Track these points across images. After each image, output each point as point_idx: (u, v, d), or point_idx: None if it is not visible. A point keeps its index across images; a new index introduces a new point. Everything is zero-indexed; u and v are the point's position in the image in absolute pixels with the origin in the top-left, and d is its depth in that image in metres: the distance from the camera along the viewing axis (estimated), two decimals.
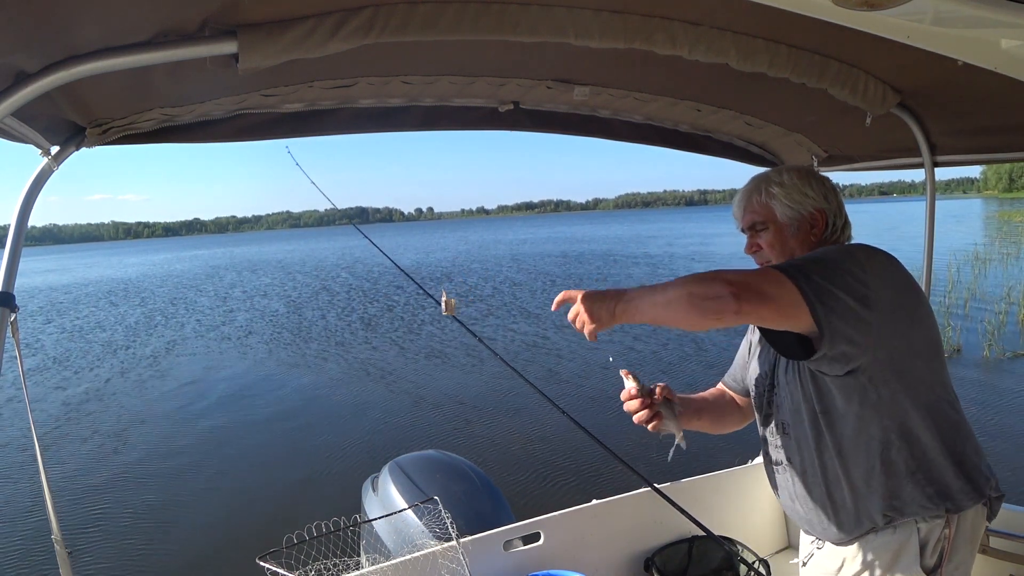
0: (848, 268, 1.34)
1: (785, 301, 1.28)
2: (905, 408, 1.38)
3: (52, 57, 1.16)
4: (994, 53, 1.12)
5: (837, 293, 1.29)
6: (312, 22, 1.22)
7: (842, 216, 1.57)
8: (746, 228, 1.63)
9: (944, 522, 1.40)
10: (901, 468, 1.39)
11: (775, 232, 1.57)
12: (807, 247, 1.54)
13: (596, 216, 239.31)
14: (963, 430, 1.45)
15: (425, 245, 57.93)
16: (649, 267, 25.76)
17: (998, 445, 6.41)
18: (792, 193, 1.55)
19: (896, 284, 1.39)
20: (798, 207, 1.55)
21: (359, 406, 8.91)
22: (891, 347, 1.36)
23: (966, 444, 1.44)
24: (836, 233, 1.56)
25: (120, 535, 5.52)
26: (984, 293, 14.60)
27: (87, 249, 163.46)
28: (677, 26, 1.42)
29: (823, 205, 1.55)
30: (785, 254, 1.56)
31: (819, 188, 1.56)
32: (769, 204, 1.58)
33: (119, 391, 10.46)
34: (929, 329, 1.44)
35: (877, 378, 1.36)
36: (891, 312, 1.35)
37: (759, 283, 1.28)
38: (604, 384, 9.23)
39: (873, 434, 1.39)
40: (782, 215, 1.57)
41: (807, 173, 1.59)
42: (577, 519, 2.36)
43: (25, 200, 1.43)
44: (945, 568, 1.41)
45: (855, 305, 1.30)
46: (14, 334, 1.39)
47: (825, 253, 1.41)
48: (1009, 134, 2.02)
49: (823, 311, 1.28)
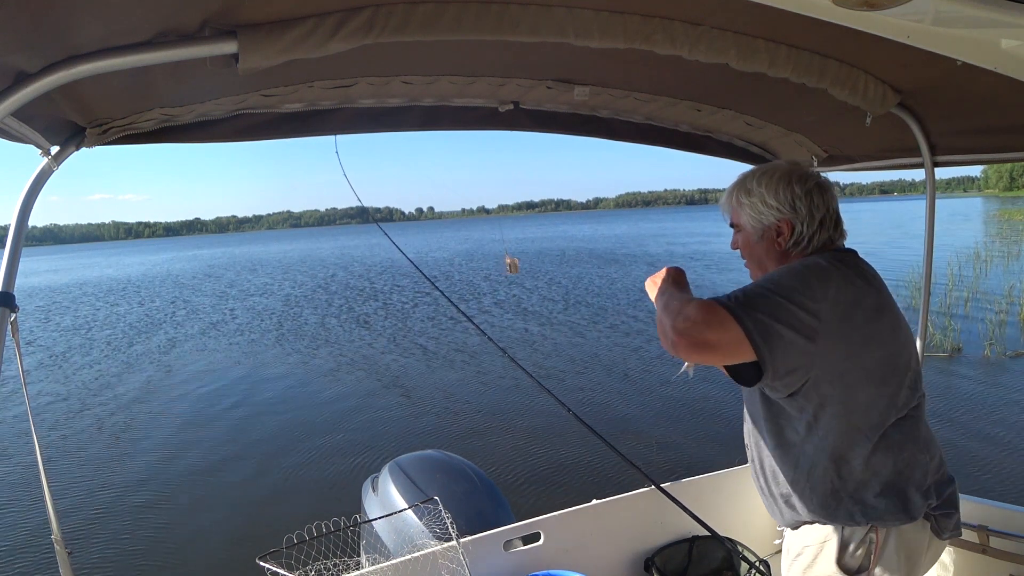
0: (798, 300, 1.35)
1: (729, 345, 1.33)
2: (841, 431, 1.42)
3: (52, 57, 1.16)
4: (994, 53, 1.12)
5: (782, 331, 1.33)
6: (312, 22, 1.22)
7: (815, 222, 1.52)
8: (730, 224, 1.68)
9: (868, 529, 1.45)
10: (826, 487, 1.45)
11: (744, 237, 1.63)
12: (773, 255, 1.57)
13: (597, 215, 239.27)
14: (904, 451, 1.44)
15: (426, 244, 57.92)
16: (648, 267, 25.77)
17: (998, 444, 6.41)
18: (756, 204, 1.55)
19: (850, 309, 1.39)
20: (760, 217, 1.56)
21: (359, 406, 8.91)
22: (838, 374, 1.38)
23: (904, 466, 1.44)
24: (803, 242, 1.53)
25: (120, 535, 5.51)
26: (985, 292, 14.60)
27: (87, 249, 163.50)
28: (677, 26, 1.42)
29: (788, 215, 1.52)
30: (753, 259, 1.62)
31: (786, 196, 1.52)
32: (738, 211, 1.61)
33: (119, 391, 10.46)
34: (885, 348, 1.43)
35: (817, 402, 1.41)
36: (842, 339, 1.37)
37: (703, 332, 1.32)
38: (605, 384, 9.24)
39: (805, 451, 1.46)
40: (746, 224, 1.60)
41: (780, 178, 1.54)
42: (577, 519, 2.36)
43: (25, 200, 1.43)
44: (872, 572, 1.45)
45: (801, 340, 1.34)
46: (14, 334, 1.39)
47: (779, 281, 1.39)
48: (1009, 134, 2.02)
49: (767, 349, 1.32)
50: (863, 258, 1.56)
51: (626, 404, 8.23)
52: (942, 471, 1.52)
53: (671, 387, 8.63)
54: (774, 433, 1.51)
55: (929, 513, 1.46)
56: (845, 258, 1.50)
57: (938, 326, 10.84)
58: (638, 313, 15.02)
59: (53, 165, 1.52)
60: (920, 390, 1.50)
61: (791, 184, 1.52)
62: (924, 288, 2.46)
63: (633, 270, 24.98)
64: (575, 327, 13.73)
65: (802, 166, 1.60)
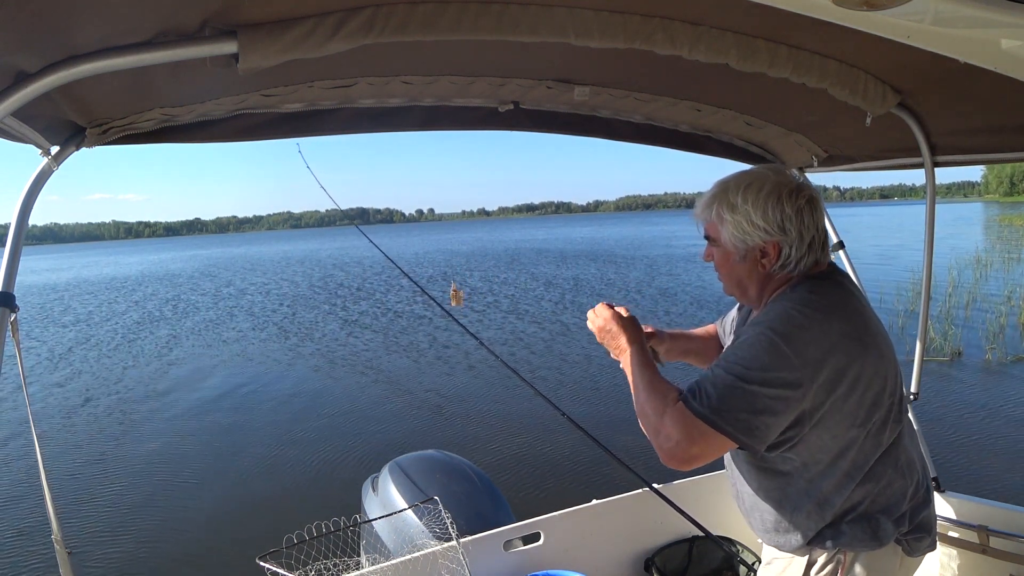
0: (773, 378, 1.27)
1: (716, 450, 1.33)
2: (827, 475, 1.40)
3: (52, 57, 1.16)
4: (994, 53, 1.12)
5: (764, 420, 1.29)
6: (312, 22, 1.22)
7: (804, 244, 1.40)
8: (703, 235, 1.56)
9: (837, 551, 1.44)
10: (808, 523, 1.44)
11: (723, 255, 1.49)
12: (756, 277, 1.46)
13: (597, 218, 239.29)
14: (883, 480, 1.42)
15: (426, 246, 57.95)
16: (648, 268, 25.78)
17: (999, 446, 6.41)
18: (742, 222, 1.41)
19: (832, 360, 1.30)
20: (745, 238, 1.42)
21: (359, 406, 8.91)
22: (825, 427, 1.35)
23: (879, 494, 1.42)
24: (790, 264, 1.41)
25: (120, 535, 5.51)
26: (985, 297, 14.59)
27: (88, 249, 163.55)
28: (677, 26, 1.41)
29: (776, 237, 1.39)
30: (732, 279, 1.51)
31: (776, 215, 1.38)
32: (719, 227, 1.47)
33: (119, 390, 10.46)
34: (871, 388, 1.35)
35: (806, 454, 1.39)
36: (827, 393, 1.31)
37: (687, 449, 1.31)
38: (604, 384, 9.23)
39: (788, 494, 1.45)
40: (727, 242, 1.46)
41: (769, 194, 1.39)
42: (577, 519, 2.36)
43: (25, 200, 1.43)
44: None
45: (783, 418, 1.31)
46: (14, 334, 1.39)
47: (749, 364, 1.30)
48: (1009, 134, 2.02)
49: (752, 440, 1.31)
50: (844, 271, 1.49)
51: (626, 404, 8.23)
52: (919, 495, 1.47)
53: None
54: (755, 474, 1.49)
55: (900, 538, 1.44)
56: (826, 290, 1.40)
57: (939, 330, 10.84)
58: (641, 315, 15.00)
59: (53, 165, 1.52)
60: (904, 416, 1.46)
61: (781, 202, 1.38)
62: (924, 289, 2.46)
63: (633, 271, 24.99)
64: (574, 327, 13.73)
65: (788, 176, 1.46)
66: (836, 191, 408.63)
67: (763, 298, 1.48)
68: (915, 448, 1.53)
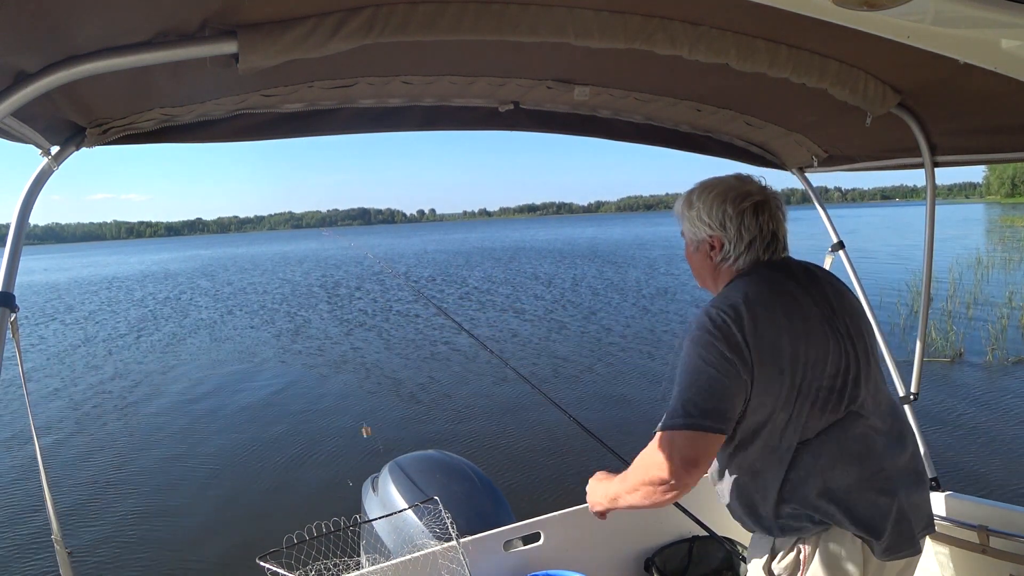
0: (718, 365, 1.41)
1: (709, 451, 1.44)
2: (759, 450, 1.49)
3: (52, 57, 1.16)
4: (994, 53, 1.12)
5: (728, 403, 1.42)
6: (312, 22, 1.22)
7: (742, 243, 1.57)
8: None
9: (796, 540, 1.49)
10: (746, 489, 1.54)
11: (687, 248, 1.71)
12: (707, 267, 1.65)
13: (598, 219, 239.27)
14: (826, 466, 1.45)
15: (427, 246, 57.96)
16: (648, 268, 25.79)
17: (1000, 446, 6.41)
18: (694, 218, 1.62)
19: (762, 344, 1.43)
20: (695, 231, 1.63)
21: (359, 406, 8.91)
22: (760, 402, 1.44)
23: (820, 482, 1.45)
24: (730, 259, 1.59)
25: (120, 535, 5.51)
26: (987, 298, 14.58)
27: (90, 249, 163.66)
28: (677, 26, 1.42)
29: (718, 233, 1.58)
30: (694, 268, 1.72)
31: (718, 214, 1.57)
32: (681, 221, 1.69)
33: (119, 391, 10.46)
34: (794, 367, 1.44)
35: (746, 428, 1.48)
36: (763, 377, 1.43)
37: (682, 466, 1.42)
38: (604, 384, 9.24)
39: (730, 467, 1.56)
40: (686, 234, 1.69)
41: (716, 196, 1.58)
42: (577, 519, 2.36)
43: (25, 200, 1.43)
44: None
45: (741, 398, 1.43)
46: (14, 334, 1.39)
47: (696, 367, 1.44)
48: (1009, 134, 2.02)
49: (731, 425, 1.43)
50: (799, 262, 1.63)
51: (625, 405, 8.24)
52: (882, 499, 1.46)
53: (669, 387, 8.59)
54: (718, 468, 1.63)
55: (862, 536, 1.44)
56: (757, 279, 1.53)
57: (940, 331, 10.83)
58: (638, 314, 15.02)
59: (53, 165, 1.52)
60: (856, 400, 1.48)
61: (724, 203, 1.57)
62: (924, 290, 2.46)
63: (632, 272, 24.98)
64: (574, 327, 13.74)
65: (747, 183, 1.59)
66: (838, 192, 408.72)
67: (718, 286, 1.66)
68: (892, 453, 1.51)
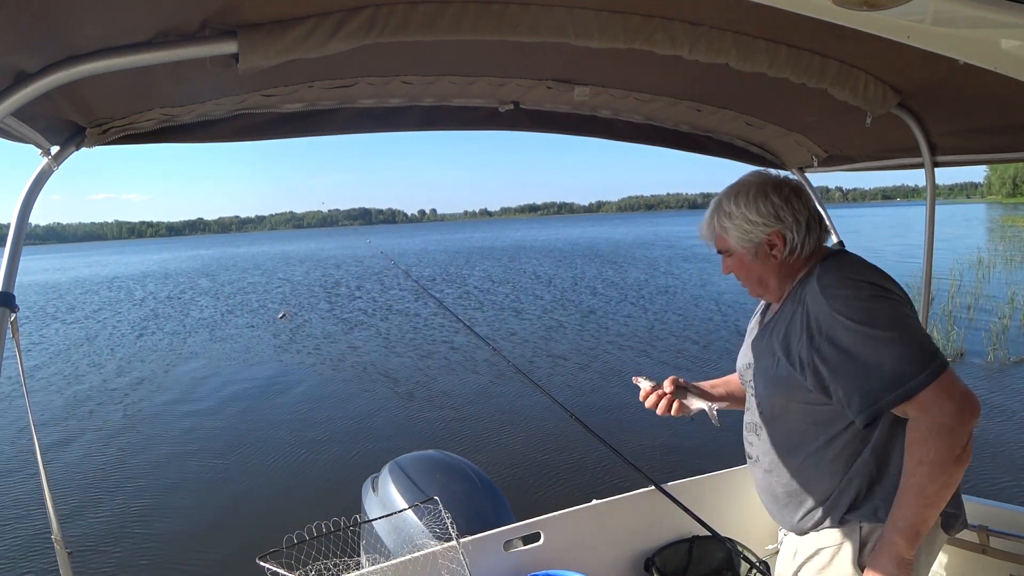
0: (912, 315, 1.39)
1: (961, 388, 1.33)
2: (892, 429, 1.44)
3: (52, 57, 1.16)
4: (994, 53, 1.12)
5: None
6: (312, 22, 1.22)
7: (803, 226, 1.54)
8: (717, 252, 1.68)
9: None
10: (866, 478, 1.47)
11: (737, 260, 1.62)
12: (772, 268, 1.57)
13: (600, 219, 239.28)
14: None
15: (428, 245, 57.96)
16: (649, 267, 25.79)
17: (1001, 446, 6.41)
18: (741, 224, 1.55)
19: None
20: (749, 236, 1.56)
21: (359, 406, 8.91)
22: None
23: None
24: (797, 248, 1.54)
25: (120, 535, 5.52)
26: (988, 297, 14.58)
27: (91, 248, 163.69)
28: (677, 26, 1.41)
29: (775, 227, 1.53)
30: (752, 278, 1.62)
31: (768, 208, 1.53)
32: (724, 237, 1.61)
33: (119, 391, 10.46)
34: None
35: None
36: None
37: (967, 404, 1.30)
38: (605, 384, 9.23)
39: (852, 446, 1.47)
40: (737, 246, 1.59)
41: (756, 192, 1.55)
42: (577, 519, 2.36)
43: (25, 200, 1.43)
44: None
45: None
46: (14, 334, 1.39)
47: (900, 319, 1.36)
48: (1009, 134, 2.02)
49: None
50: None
51: (625, 404, 8.23)
52: None
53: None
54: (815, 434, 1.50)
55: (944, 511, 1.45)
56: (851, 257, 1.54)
57: (942, 331, 10.83)
58: (638, 314, 15.02)
59: (53, 165, 1.52)
60: None
61: (768, 196, 1.54)
62: (924, 289, 2.46)
63: (632, 272, 24.98)
64: (574, 327, 13.74)
65: (770, 174, 1.61)
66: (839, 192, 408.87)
67: (783, 287, 1.59)
68: None
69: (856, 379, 1.35)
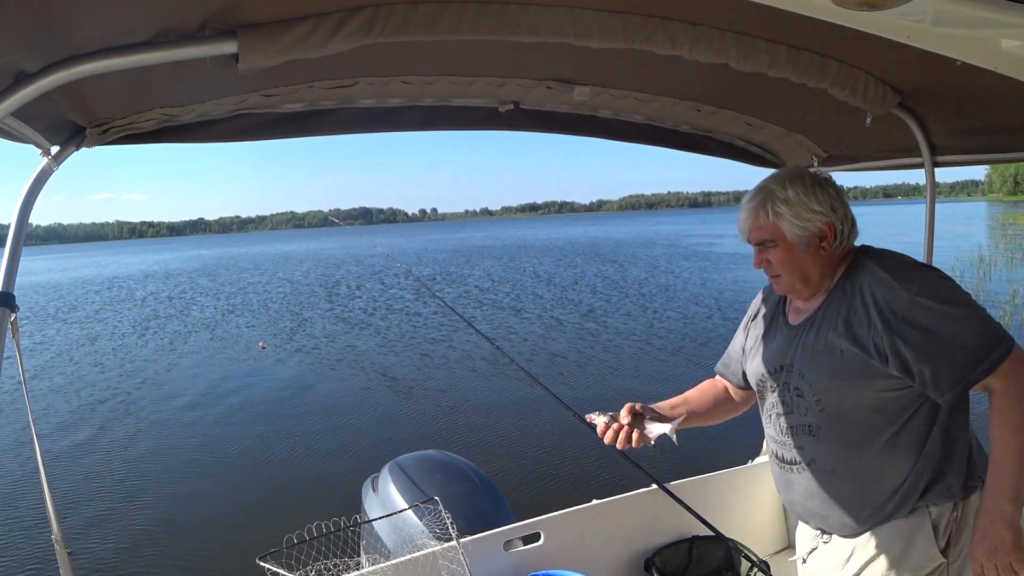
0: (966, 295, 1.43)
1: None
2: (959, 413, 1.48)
3: (52, 57, 1.16)
4: (994, 53, 1.12)
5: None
6: (312, 22, 1.22)
7: (849, 220, 1.54)
8: (754, 243, 1.60)
9: (952, 506, 1.47)
10: (936, 459, 1.46)
11: (784, 251, 1.55)
12: (818, 262, 1.53)
13: (600, 217, 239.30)
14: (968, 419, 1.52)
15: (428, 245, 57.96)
16: (649, 266, 25.79)
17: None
18: (800, 211, 1.50)
19: None
20: (807, 224, 1.51)
21: (359, 406, 8.91)
22: None
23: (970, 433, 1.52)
24: (844, 240, 1.54)
25: (120, 535, 5.52)
26: (989, 295, 14.56)
27: (92, 249, 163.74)
28: (677, 26, 1.41)
29: (831, 217, 1.51)
30: (795, 270, 1.55)
31: (825, 198, 1.51)
32: (777, 224, 1.53)
33: (119, 391, 10.47)
34: None
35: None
36: None
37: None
38: (606, 383, 9.24)
39: (923, 430, 1.46)
40: (791, 234, 1.52)
41: (813, 182, 1.53)
42: (577, 519, 2.36)
43: (25, 200, 1.43)
44: (952, 551, 1.47)
45: None
46: (14, 334, 1.39)
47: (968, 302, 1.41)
48: (1009, 134, 2.02)
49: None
50: None
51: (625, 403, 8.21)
52: None
53: (671, 388, 8.61)
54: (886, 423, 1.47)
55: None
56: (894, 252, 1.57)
57: None
58: (638, 312, 15.02)
59: (53, 165, 1.52)
60: None
61: (824, 187, 1.53)
62: None
63: (632, 270, 24.98)
64: (574, 326, 13.74)
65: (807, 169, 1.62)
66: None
67: (823, 282, 1.56)
68: None
69: (944, 357, 1.37)
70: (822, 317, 1.54)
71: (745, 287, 17.60)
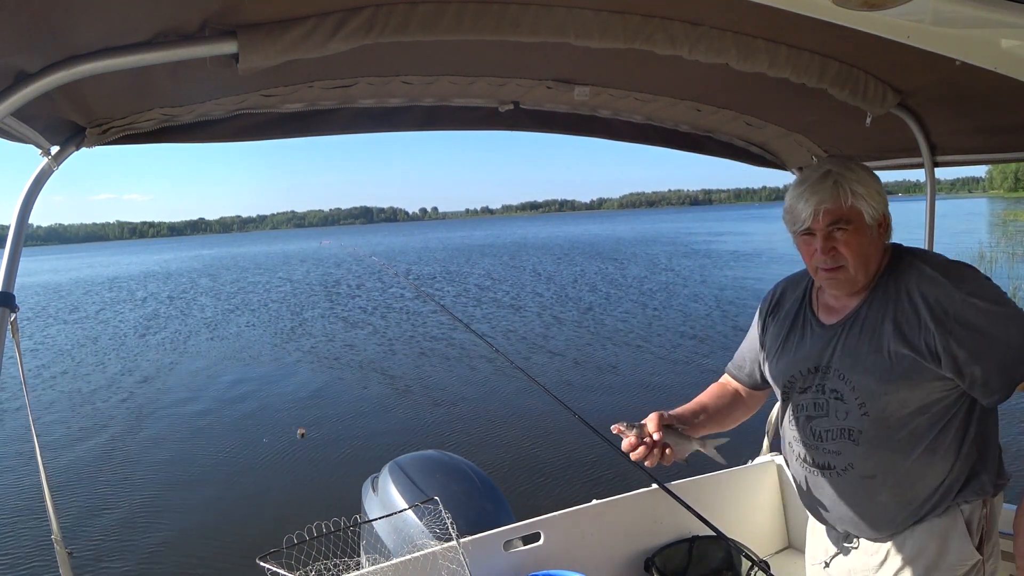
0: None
1: None
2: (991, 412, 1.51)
3: (52, 57, 1.16)
4: (994, 53, 1.12)
5: None
6: (312, 22, 1.22)
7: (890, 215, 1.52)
8: (824, 227, 1.44)
9: (982, 503, 1.48)
10: (973, 459, 1.47)
11: (857, 234, 1.43)
12: (878, 252, 1.48)
13: (601, 216, 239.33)
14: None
15: (429, 243, 57.96)
16: (649, 264, 25.79)
17: (1006, 445, 6.40)
18: (873, 194, 1.43)
19: None
20: (879, 208, 1.44)
21: (359, 406, 8.92)
22: None
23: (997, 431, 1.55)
24: (891, 232, 1.52)
25: (120, 535, 5.53)
26: None
27: (93, 249, 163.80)
28: (677, 26, 1.41)
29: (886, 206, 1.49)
30: (861, 258, 1.44)
31: (880, 186, 1.46)
32: (855, 204, 1.42)
33: (119, 391, 10.48)
34: None
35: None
36: None
37: None
38: (606, 383, 9.24)
39: (962, 430, 1.46)
40: (868, 216, 1.43)
41: (868, 171, 1.48)
42: (577, 519, 2.36)
43: (25, 200, 1.43)
44: (986, 547, 1.49)
45: None
46: (14, 334, 1.39)
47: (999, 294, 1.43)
48: (1009, 134, 2.02)
49: None
50: None
51: (626, 402, 8.23)
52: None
53: (672, 386, 8.63)
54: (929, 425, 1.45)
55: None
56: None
57: None
58: (638, 310, 15.02)
59: (53, 165, 1.52)
60: None
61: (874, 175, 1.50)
62: None
63: (633, 268, 24.98)
64: (574, 325, 13.74)
65: None
66: None
67: (871, 270, 1.48)
68: None
69: (994, 358, 1.36)
70: (864, 316, 1.48)
71: (745, 284, 17.61)
